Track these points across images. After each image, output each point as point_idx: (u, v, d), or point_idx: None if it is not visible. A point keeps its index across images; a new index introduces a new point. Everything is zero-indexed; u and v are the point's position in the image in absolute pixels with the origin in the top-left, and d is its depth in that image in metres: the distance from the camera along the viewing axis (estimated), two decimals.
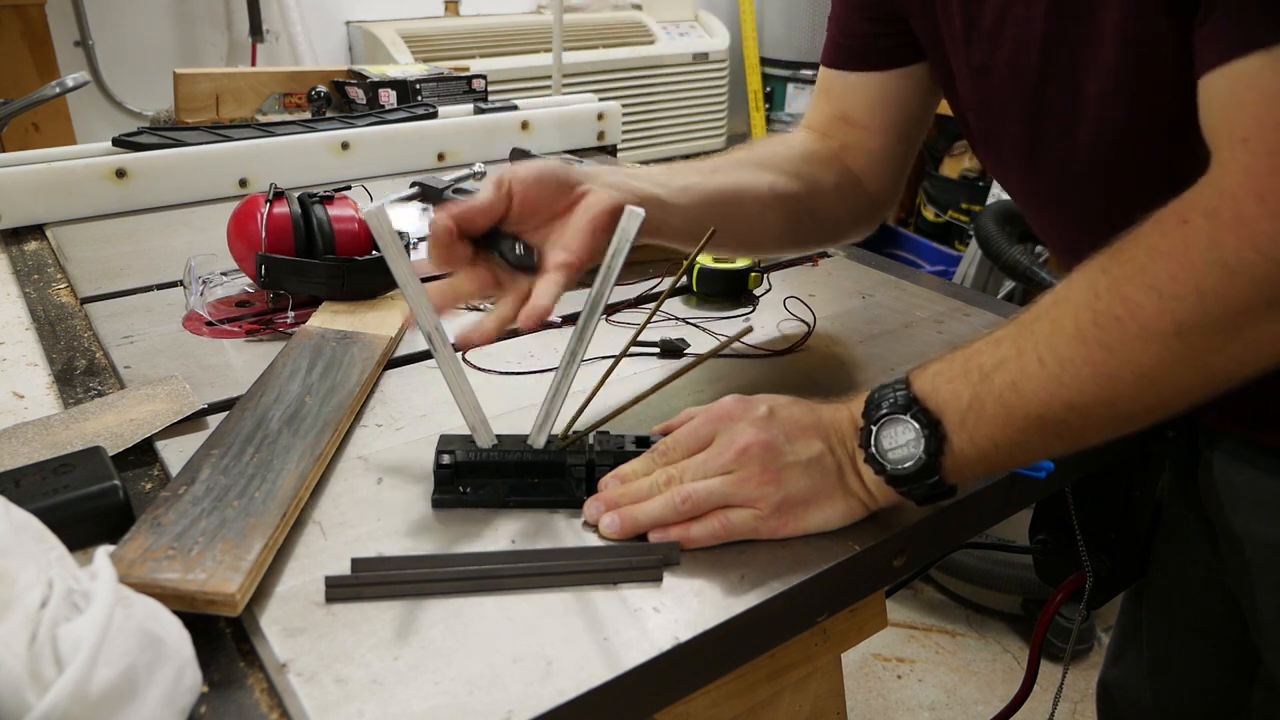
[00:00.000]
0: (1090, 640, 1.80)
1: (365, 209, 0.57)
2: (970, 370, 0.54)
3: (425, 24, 2.69)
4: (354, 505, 0.59)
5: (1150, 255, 0.49)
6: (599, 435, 0.61)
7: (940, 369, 0.56)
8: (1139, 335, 0.48)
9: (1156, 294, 0.48)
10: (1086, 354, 0.50)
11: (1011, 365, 0.52)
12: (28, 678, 0.37)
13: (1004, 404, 0.52)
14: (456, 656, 0.47)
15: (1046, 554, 0.89)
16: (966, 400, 0.53)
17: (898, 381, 0.57)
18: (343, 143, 1.27)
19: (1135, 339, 0.48)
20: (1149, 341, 0.48)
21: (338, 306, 0.84)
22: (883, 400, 0.56)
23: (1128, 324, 0.48)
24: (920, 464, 0.54)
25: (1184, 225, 0.48)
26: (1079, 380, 0.50)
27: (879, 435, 0.55)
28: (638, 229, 0.59)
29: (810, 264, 1.03)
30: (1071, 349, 0.50)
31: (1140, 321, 0.48)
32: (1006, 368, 0.52)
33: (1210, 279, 0.46)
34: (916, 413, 0.54)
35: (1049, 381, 0.51)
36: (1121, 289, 0.49)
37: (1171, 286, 0.47)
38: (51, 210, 1.11)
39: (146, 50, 2.50)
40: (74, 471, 0.57)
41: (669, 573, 0.54)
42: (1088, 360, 0.50)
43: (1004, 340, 0.54)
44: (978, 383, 0.53)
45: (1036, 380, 0.51)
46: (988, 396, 0.53)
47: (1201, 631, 0.84)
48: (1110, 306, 0.49)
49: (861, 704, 1.69)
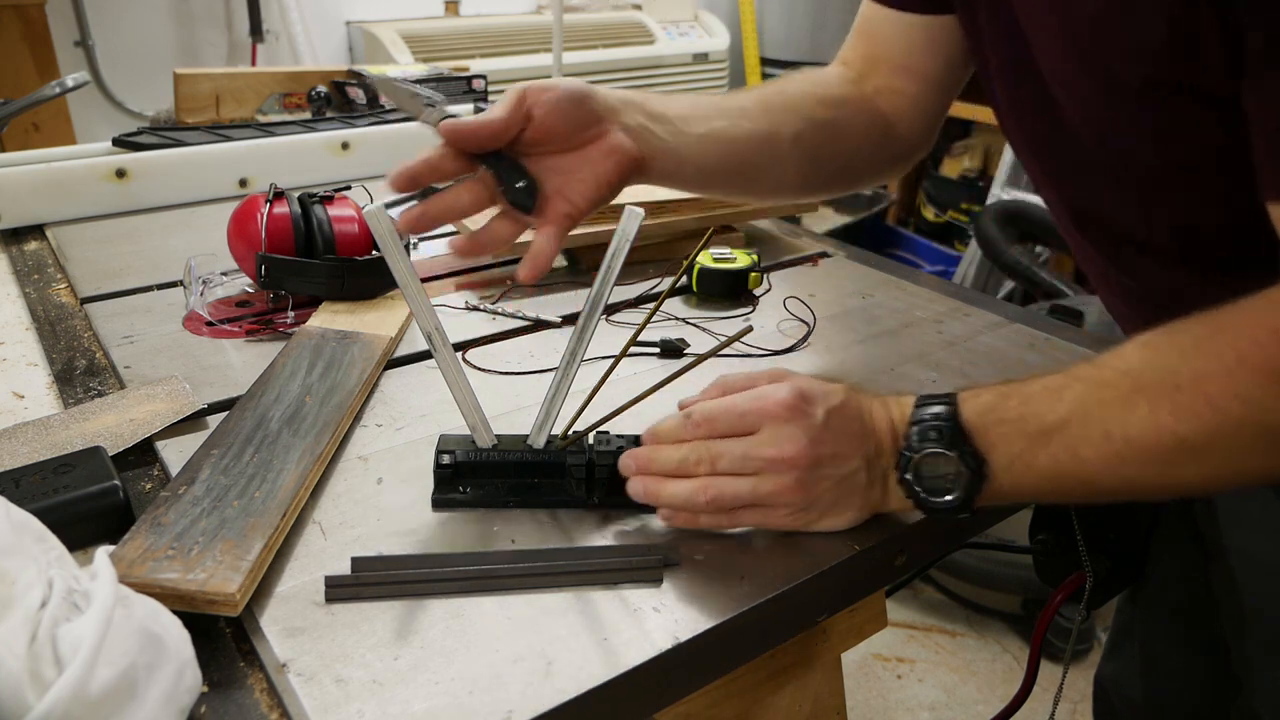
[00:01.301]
0: (1090, 640, 1.80)
1: (365, 209, 0.57)
2: (1028, 419, 0.53)
3: (425, 24, 2.69)
4: (354, 505, 0.59)
5: (1239, 362, 0.48)
6: (599, 435, 0.61)
7: (993, 405, 0.54)
8: (1217, 435, 0.48)
9: (1243, 402, 0.47)
10: (1157, 441, 0.49)
11: (1075, 430, 0.51)
12: (28, 678, 0.37)
13: (1058, 464, 0.52)
14: (456, 656, 0.47)
15: (1046, 554, 0.89)
16: (1018, 449, 0.52)
17: (945, 403, 0.55)
18: (343, 143, 1.27)
19: (1213, 438, 0.48)
20: (1228, 444, 0.48)
21: (338, 306, 0.84)
22: (929, 428, 0.54)
23: (1208, 422, 0.48)
24: (958, 501, 0.54)
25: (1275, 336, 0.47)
26: (1144, 463, 0.50)
27: (920, 464, 0.54)
28: (637, 229, 0.59)
29: (810, 264, 1.03)
30: (1143, 433, 0.49)
31: (1221, 423, 0.48)
32: (1069, 432, 0.51)
33: None
34: (964, 453, 0.53)
35: (1113, 458, 0.50)
36: (1206, 388, 0.48)
37: (1262, 397, 0.47)
38: (51, 210, 1.11)
39: (146, 50, 2.50)
40: (74, 471, 0.57)
41: (669, 573, 0.54)
42: (1157, 446, 0.49)
43: (1065, 395, 0.52)
44: (1034, 435, 0.52)
45: (1100, 452, 0.51)
46: (1043, 453, 0.52)
47: (1191, 632, 0.84)
48: (1191, 403, 0.48)
49: (861, 704, 1.69)
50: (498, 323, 0.86)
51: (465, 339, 0.83)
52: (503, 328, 0.85)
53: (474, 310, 0.89)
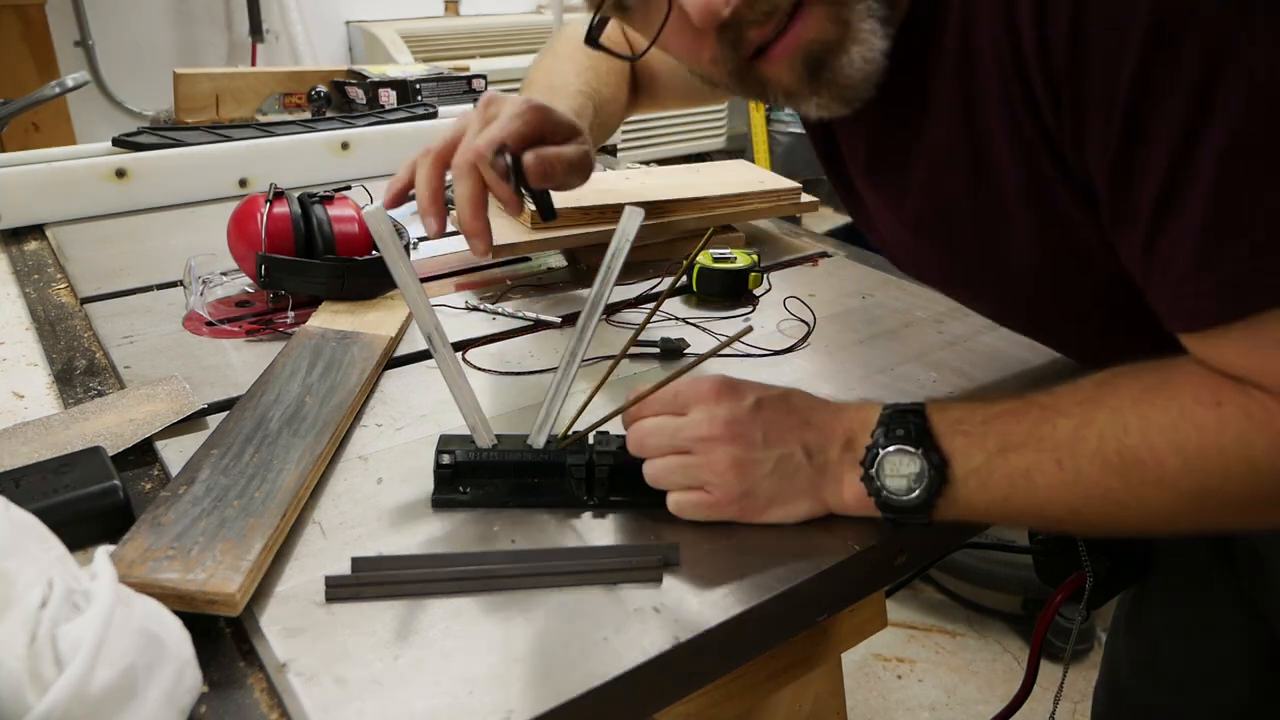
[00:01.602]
0: (1090, 640, 1.80)
1: (365, 209, 0.57)
2: (989, 435, 0.54)
3: (425, 24, 2.70)
4: (354, 505, 0.59)
5: (1183, 417, 0.49)
6: (599, 435, 0.61)
7: (960, 417, 0.55)
8: (1158, 485, 0.50)
9: (1183, 458, 0.49)
10: (1103, 478, 0.51)
11: (1029, 453, 0.53)
12: (28, 678, 0.37)
13: (1012, 484, 0.53)
14: (456, 656, 0.47)
15: (1046, 554, 0.89)
16: (977, 462, 0.54)
17: (914, 409, 0.56)
18: (343, 143, 1.27)
19: (1154, 486, 0.50)
20: (1165, 492, 0.50)
21: (338, 306, 0.84)
22: (896, 426, 0.55)
23: (1150, 470, 0.50)
24: (918, 501, 0.54)
25: (1218, 407, 0.49)
26: (1089, 496, 0.51)
27: (884, 461, 0.55)
28: (637, 229, 0.59)
29: (810, 264, 1.03)
30: (1091, 467, 0.51)
31: (1161, 474, 0.49)
32: (1024, 453, 0.53)
33: (1237, 469, 0.48)
34: (929, 450, 0.54)
35: (1060, 486, 0.52)
36: (1150, 436, 0.50)
37: (1199, 459, 0.49)
38: (51, 210, 1.11)
39: (146, 50, 2.50)
40: (74, 471, 0.57)
41: (669, 573, 0.54)
42: (1102, 483, 0.51)
43: (1025, 418, 0.54)
44: (994, 453, 0.53)
45: (1050, 478, 0.52)
46: (999, 470, 0.53)
47: (1191, 631, 0.85)
48: (1136, 447, 0.50)
49: (861, 704, 1.69)
50: (498, 323, 0.86)
51: (465, 339, 0.83)
52: (503, 328, 0.85)
53: (474, 310, 0.89)
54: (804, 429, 0.57)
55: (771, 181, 1.06)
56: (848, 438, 0.57)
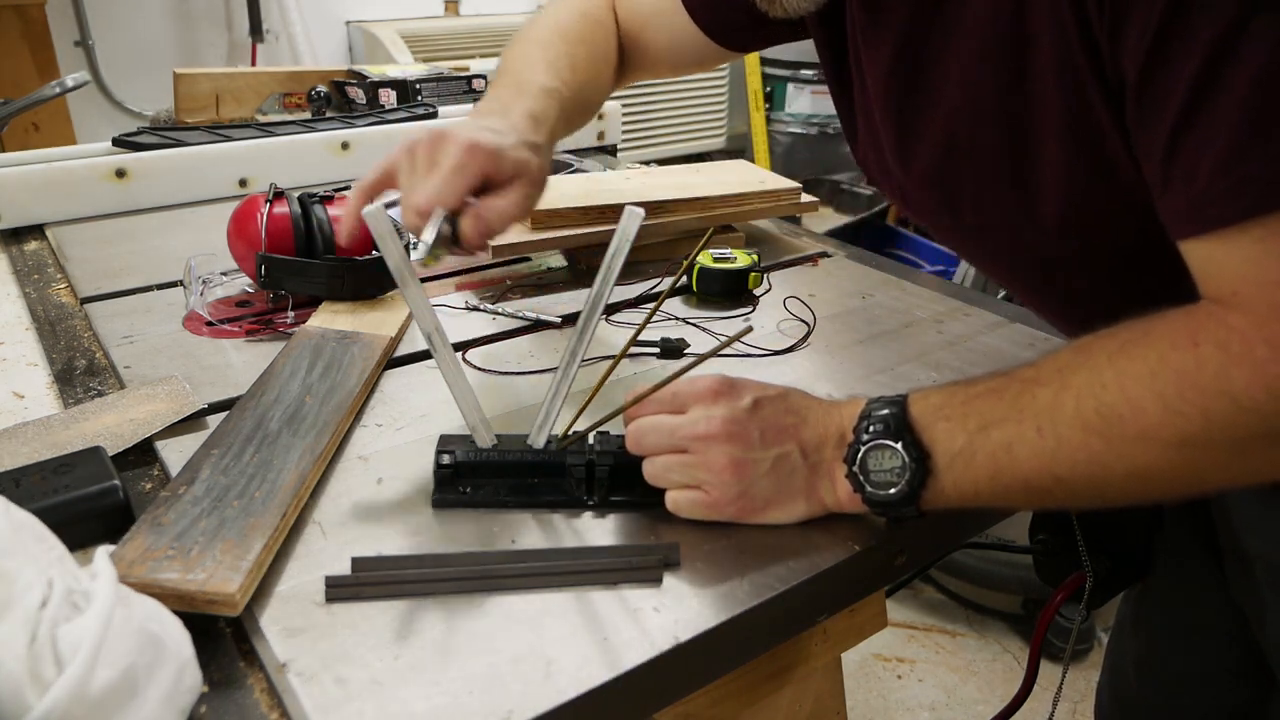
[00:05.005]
0: (1090, 640, 1.80)
1: (365, 209, 0.57)
2: (969, 416, 0.54)
3: (425, 24, 2.69)
4: (354, 505, 0.59)
5: (1161, 363, 0.49)
6: (599, 435, 0.61)
7: (940, 404, 0.55)
8: (1139, 438, 0.49)
9: (1163, 404, 0.48)
10: (1084, 440, 0.50)
11: (1010, 426, 0.52)
12: (28, 678, 0.37)
13: (995, 461, 0.53)
14: (456, 656, 0.47)
15: (1046, 554, 0.89)
16: (959, 445, 0.53)
17: (895, 401, 0.56)
18: (343, 143, 1.27)
19: (1135, 440, 0.49)
20: (1148, 446, 0.49)
21: (338, 306, 0.84)
22: (876, 419, 0.55)
23: (1129, 424, 0.49)
24: (901, 495, 0.54)
25: (1195, 347, 0.48)
26: (1072, 461, 0.51)
27: (865, 456, 0.55)
28: (637, 229, 0.59)
29: (810, 264, 1.03)
30: (1070, 430, 0.50)
31: (1142, 425, 0.49)
32: (1005, 427, 0.52)
33: (1218, 406, 0.47)
34: (908, 443, 0.54)
35: (1043, 453, 0.51)
36: (1128, 388, 0.49)
37: (1179, 403, 0.48)
38: (51, 210, 1.11)
39: (146, 50, 2.50)
40: (74, 471, 0.57)
41: (669, 573, 0.54)
42: (1084, 446, 0.50)
43: (1006, 394, 0.53)
44: (974, 432, 0.53)
45: (1031, 448, 0.51)
46: (981, 449, 0.53)
47: (1191, 631, 0.84)
48: (1115, 402, 0.49)
49: (861, 704, 1.69)
50: (498, 323, 0.86)
51: (465, 339, 0.83)
52: (503, 328, 0.85)
53: (474, 310, 0.89)
54: (801, 428, 0.57)
55: (771, 181, 1.07)
56: (840, 435, 0.57)
